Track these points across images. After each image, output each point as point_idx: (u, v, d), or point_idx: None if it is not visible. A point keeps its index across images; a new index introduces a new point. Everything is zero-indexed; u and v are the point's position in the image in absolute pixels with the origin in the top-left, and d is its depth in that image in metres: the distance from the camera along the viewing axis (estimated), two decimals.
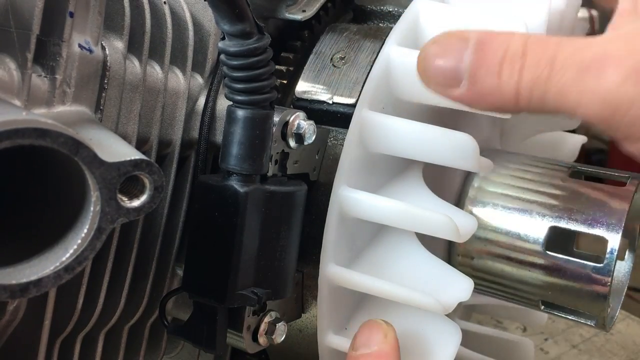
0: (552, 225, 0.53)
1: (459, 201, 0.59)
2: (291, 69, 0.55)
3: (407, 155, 0.49)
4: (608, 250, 0.50)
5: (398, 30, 0.50)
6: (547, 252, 0.53)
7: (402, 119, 0.48)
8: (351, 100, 0.51)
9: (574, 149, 0.73)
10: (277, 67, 0.55)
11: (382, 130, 0.48)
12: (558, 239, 0.54)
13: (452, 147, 0.47)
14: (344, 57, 0.53)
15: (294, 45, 0.56)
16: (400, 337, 0.47)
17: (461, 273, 0.51)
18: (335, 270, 0.48)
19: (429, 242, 0.52)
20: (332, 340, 0.50)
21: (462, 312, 0.72)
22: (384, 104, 0.49)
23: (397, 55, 0.48)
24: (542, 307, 0.57)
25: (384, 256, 0.51)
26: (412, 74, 0.48)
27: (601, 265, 0.51)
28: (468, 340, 0.68)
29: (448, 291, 0.48)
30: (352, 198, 0.48)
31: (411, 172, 0.52)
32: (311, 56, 0.55)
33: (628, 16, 0.37)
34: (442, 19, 0.49)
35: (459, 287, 0.49)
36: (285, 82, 0.55)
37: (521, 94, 0.36)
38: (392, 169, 0.52)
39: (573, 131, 0.74)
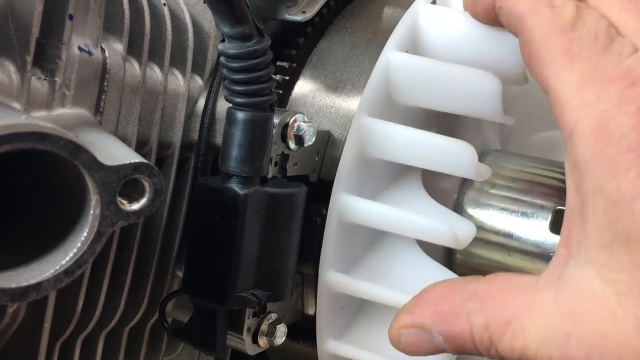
0: (558, 208, 0.53)
1: (459, 202, 0.58)
2: (294, 65, 0.55)
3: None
4: None
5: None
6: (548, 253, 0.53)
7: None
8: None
9: None
10: (279, 63, 0.55)
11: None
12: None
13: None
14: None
15: (296, 42, 0.56)
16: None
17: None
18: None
19: (428, 243, 0.52)
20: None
21: None
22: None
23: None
24: None
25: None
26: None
27: None
28: None
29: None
30: (350, 205, 0.47)
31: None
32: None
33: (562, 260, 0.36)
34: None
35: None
36: (287, 78, 0.55)
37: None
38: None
39: None
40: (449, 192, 0.58)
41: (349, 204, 0.48)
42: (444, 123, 0.54)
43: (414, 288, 0.48)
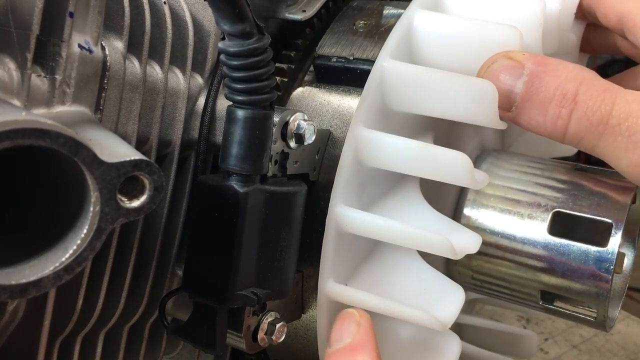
0: (556, 210, 0.53)
1: (458, 203, 0.58)
2: (292, 66, 0.55)
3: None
4: (612, 233, 0.50)
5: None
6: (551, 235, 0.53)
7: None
8: (372, 57, 0.51)
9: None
10: (278, 65, 0.55)
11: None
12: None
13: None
14: (366, 23, 0.55)
15: (295, 43, 0.56)
16: (405, 291, 0.47)
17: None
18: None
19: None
20: (333, 288, 0.49)
21: (465, 306, 0.72)
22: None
23: (420, 17, 0.49)
24: (541, 302, 0.57)
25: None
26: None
27: (604, 248, 0.51)
28: (471, 334, 0.68)
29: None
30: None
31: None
32: (333, 23, 0.56)
33: None
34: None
35: (468, 237, 0.50)
36: (285, 79, 0.55)
37: (569, 137, 0.38)
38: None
39: None
40: (449, 193, 0.58)
41: (346, 217, 0.48)
42: (442, 126, 0.54)
43: (411, 298, 0.49)
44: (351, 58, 0.52)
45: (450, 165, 0.46)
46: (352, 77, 0.53)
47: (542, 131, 0.39)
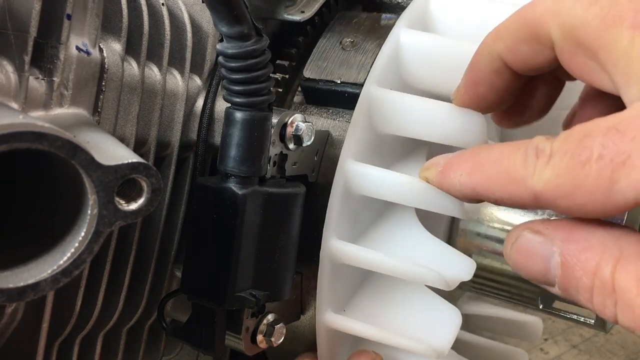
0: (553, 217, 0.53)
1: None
2: (293, 63, 0.55)
3: (415, 135, 0.48)
4: None
5: (408, 14, 0.49)
6: None
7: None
8: (359, 80, 0.50)
9: None
10: (279, 61, 0.55)
11: (390, 107, 0.47)
12: None
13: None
14: (353, 40, 0.53)
15: (296, 40, 0.56)
16: (400, 318, 0.47)
17: (463, 254, 0.50)
18: (337, 244, 0.48)
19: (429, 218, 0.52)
20: (330, 318, 0.50)
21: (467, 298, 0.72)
22: (392, 86, 0.49)
23: (406, 37, 0.48)
24: (541, 305, 0.57)
25: (386, 235, 0.51)
26: (420, 57, 0.48)
27: None
28: (463, 350, 0.68)
29: (451, 269, 0.48)
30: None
31: (415, 157, 0.52)
32: (320, 40, 0.55)
33: None
34: (452, 5, 0.49)
35: (461, 265, 0.49)
36: (286, 76, 0.55)
37: (622, 325, 0.32)
38: (396, 153, 0.52)
39: None
40: None
41: (357, 172, 0.47)
42: None
43: (417, 260, 0.48)
44: (339, 82, 0.52)
45: (439, 198, 0.45)
46: (340, 100, 0.52)
47: (589, 304, 0.34)
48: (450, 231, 0.59)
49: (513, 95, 0.41)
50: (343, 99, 0.51)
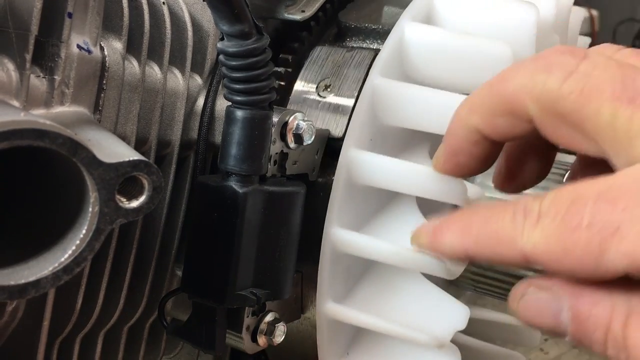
0: None
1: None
2: (290, 70, 0.55)
3: (397, 190, 0.48)
4: None
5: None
6: None
7: (388, 158, 0.47)
8: (338, 135, 0.51)
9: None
10: (276, 68, 0.55)
11: (369, 169, 0.47)
12: None
13: (438, 186, 0.45)
14: (329, 85, 0.53)
15: (292, 47, 0.56)
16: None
17: (457, 301, 0.50)
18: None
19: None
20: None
21: (465, 299, 0.72)
22: (372, 136, 0.49)
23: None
24: None
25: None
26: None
27: None
28: (473, 326, 0.68)
29: (444, 323, 0.49)
30: (343, 238, 0.48)
31: (404, 196, 0.52)
32: (297, 82, 0.54)
33: None
34: (426, 42, 0.49)
35: (455, 317, 0.49)
36: (283, 84, 0.55)
37: None
38: (386, 195, 0.52)
39: None
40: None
41: (341, 238, 0.48)
42: (438, 136, 0.54)
43: (409, 317, 0.49)
44: None
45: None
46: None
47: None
48: None
49: (495, 159, 0.41)
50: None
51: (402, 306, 0.50)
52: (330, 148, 0.51)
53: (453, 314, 0.50)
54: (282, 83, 0.54)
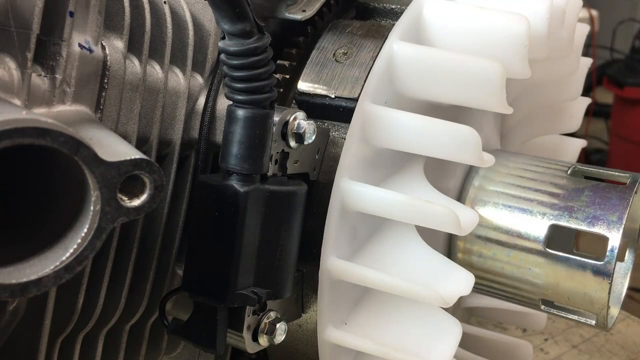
0: (552, 224, 0.53)
1: (460, 200, 0.58)
2: (294, 63, 0.55)
3: (410, 150, 0.49)
4: (609, 248, 0.50)
5: (401, 25, 0.50)
6: (548, 249, 0.53)
7: (405, 112, 0.48)
8: (353, 95, 0.51)
9: (574, 153, 0.73)
10: (280, 62, 0.55)
11: (385, 123, 0.47)
12: (558, 240, 0.54)
13: (455, 141, 0.46)
14: (347, 52, 0.53)
15: (296, 40, 0.56)
16: (401, 332, 0.47)
17: (462, 268, 0.50)
18: (335, 263, 0.48)
19: (428, 240, 0.52)
20: (331, 334, 0.50)
21: (462, 314, 0.72)
22: (386, 99, 0.49)
23: (400, 50, 0.48)
24: (543, 306, 0.57)
25: (384, 250, 0.51)
26: (414, 68, 0.48)
27: (601, 262, 0.51)
28: (467, 342, 0.68)
29: (449, 284, 0.48)
30: (354, 190, 0.48)
31: (412, 167, 0.52)
32: (313, 52, 0.55)
33: None
34: (445, 14, 0.49)
35: (459, 280, 0.49)
36: (287, 76, 0.55)
37: None
38: (394, 164, 0.52)
39: (573, 134, 0.74)
40: (450, 191, 0.58)
41: (352, 190, 0.47)
42: (445, 117, 0.54)
43: (415, 276, 0.49)
44: (333, 96, 0.52)
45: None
46: (335, 115, 0.52)
47: None
48: (451, 235, 0.59)
49: None
50: (339, 113, 0.51)
51: (401, 330, 0.50)
52: (347, 109, 0.51)
53: (459, 278, 0.50)
54: (287, 76, 0.54)
